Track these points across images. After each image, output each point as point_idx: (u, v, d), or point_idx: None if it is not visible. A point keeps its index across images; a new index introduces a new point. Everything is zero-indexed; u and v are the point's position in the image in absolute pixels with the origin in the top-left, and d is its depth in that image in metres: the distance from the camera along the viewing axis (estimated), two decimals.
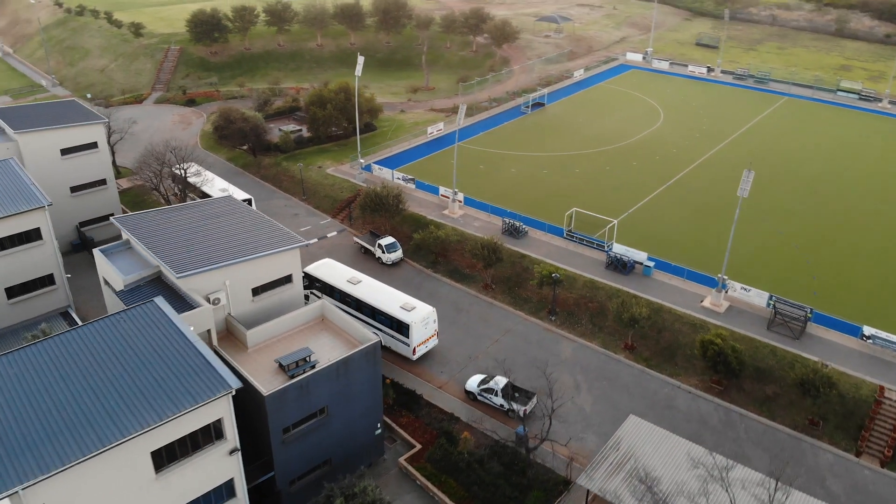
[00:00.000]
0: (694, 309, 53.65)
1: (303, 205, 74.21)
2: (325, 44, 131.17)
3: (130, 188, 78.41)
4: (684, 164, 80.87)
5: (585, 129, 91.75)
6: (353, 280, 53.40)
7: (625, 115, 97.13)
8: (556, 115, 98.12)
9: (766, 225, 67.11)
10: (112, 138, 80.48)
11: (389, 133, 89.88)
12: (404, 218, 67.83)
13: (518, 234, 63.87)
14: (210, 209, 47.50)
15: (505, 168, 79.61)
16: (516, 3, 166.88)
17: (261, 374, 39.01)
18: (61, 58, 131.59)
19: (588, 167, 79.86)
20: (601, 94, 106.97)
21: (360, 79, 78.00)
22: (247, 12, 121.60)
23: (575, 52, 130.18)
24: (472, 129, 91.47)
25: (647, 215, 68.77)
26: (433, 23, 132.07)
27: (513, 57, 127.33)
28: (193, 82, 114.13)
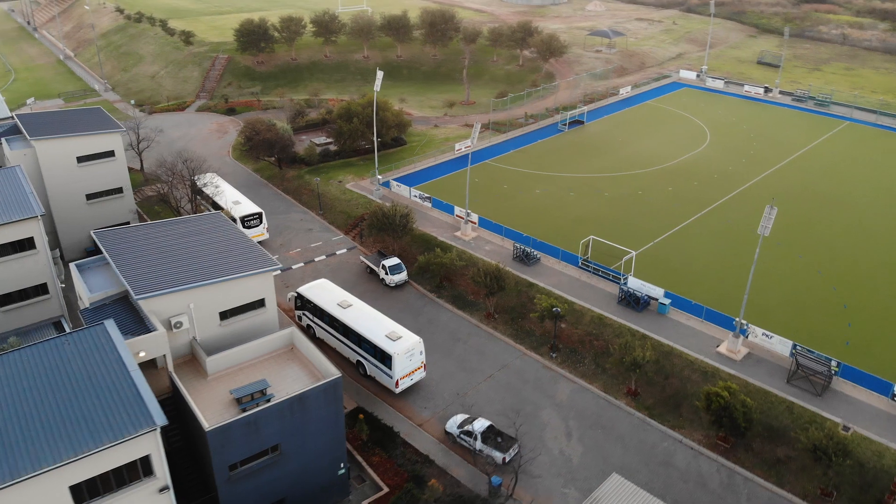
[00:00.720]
0: (708, 354, 48.87)
1: (318, 220, 72.55)
2: (371, 56, 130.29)
3: (153, 196, 78.45)
4: (724, 191, 75.37)
5: (623, 150, 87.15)
6: (343, 304, 51.02)
7: (668, 136, 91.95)
8: (594, 133, 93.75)
9: (805, 263, 61.31)
10: (141, 145, 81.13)
11: (417, 148, 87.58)
12: (414, 238, 65.23)
13: (529, 260, 60.27)
14: (192, 226, 46.01)
15: (529, 188, 76.00)
16: (572, 16, 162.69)
17: (213, 406, 36.98)
18: (117, 63, 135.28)
19: (619, 191, 75.38)
20: (646, 113, 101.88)
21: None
22: (293, 23, 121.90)
23: (625, 67, 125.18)
24: (503, 146, 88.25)
25: (674, 246, 63.95)
26: (480, 36, 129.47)
27: (560, 72, 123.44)
28: (236, 91, 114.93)
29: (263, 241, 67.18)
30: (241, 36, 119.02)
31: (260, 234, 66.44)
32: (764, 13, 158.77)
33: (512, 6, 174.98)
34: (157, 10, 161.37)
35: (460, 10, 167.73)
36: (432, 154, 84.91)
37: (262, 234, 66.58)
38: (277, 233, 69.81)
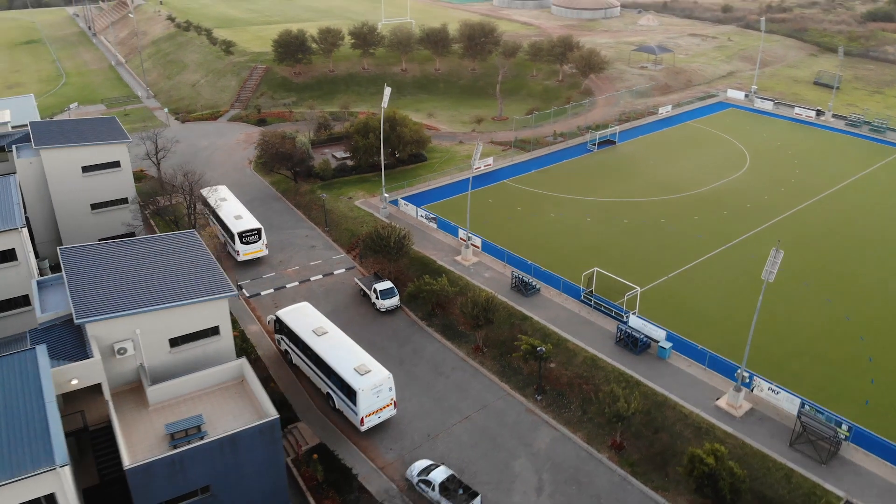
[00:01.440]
0: (705, 408, 44.28)
1: (323, 237, 70.65)
2: (409, 69, 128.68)
3: (167, 206, 78.14)
4: (754, 223, 69.87)
5: (653, 174, 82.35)
6: (318, 331, 48.63)
7: (703, 160, 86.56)
8: (625, 154, 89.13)
9: (832, 308, 55.67)
10: (158, 155, 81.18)
11: (436, 165, 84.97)
12: (412, 260, 62.48)
13: (527, 291, 56.63)
14: (160, 246, 44.40)
15: (544, 212, 72.25)
16: (622, 31, 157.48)
17: (146, 440, 35.04)
18: (162, 70, 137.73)
19: (640, 218, 70.83)
20: (685, 134, 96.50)
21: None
22: (331, 34, 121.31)
23: (670, 85, 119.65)
24: (525, 165, 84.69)
25: (689, 282, 59.18)
26: (520, 50, 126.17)
27: (600, 88, 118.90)
28: (269, 102, 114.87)
29: (262, 257, 65.70)
30: (279, 47, 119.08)
31: (258, 250, 64.93)
32: (827, 31, 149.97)
33: (561, 19, 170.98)
34: (208, 20, 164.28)
35: (507, 22, 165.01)
36: (449, 172, 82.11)
37: (260, 250, 65.06)
38: (279, 249, 68.20)
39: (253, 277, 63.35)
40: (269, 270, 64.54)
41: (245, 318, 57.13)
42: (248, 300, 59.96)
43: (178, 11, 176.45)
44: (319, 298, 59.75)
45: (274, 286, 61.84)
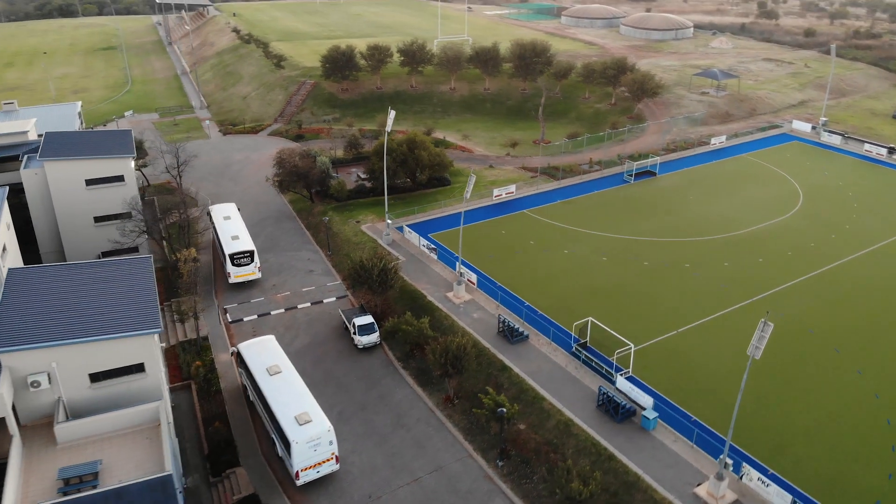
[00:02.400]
0: (682, 495, 38.36)
1: (325, 261, 68.04)
2: (457, 87, 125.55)
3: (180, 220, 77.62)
4: (793, 272, 62.43)
5: (690, 211, 75.63)
6: (272, 369, 45.61)
7: (750, 198, 78.99)
8: (664, 188, 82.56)
9: (862, 382, 48.15)
10: (179, 169, 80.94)
11: (456, 190, 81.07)
12: (402, 293, 58.87)
13: (513, 337, 51.84)
14: (105, 272, 42.49)
15: (558, 247, 67.09)
16: (691, 53, 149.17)
17: (43, 482, 32.77)
18: (220, 82, 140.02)
19: (664, 259, 64.63)
20: (736, 168, 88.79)
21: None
22: (379, 51, 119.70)
23: (730, 114, 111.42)
24: (550, 195, 79.60)
25: (700, 339, 52.81)
26: (573, 71, 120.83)
27: (655, 114, 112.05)
28: (311, 117, 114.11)
29: (255, 280, 63.61)
30: (327, 62, 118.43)
31: (251, 272, 62.86)
32: None
33: (628, 39, 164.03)
34: (273, 33, 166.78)
35: (570, 41, 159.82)
36: (469, 198, 77.94)
37: (252, 273, 62.96)
38: (277, 272, 66.02)
39: (241, 301, 61.29)
40: (260, 294, 62.35)
41: (219, 346, 54.92)
42: (228, 325, 57.83)
43: (247, 24, 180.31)
44: (300, 328, 56.98)
45: (259, 312, 59.51)
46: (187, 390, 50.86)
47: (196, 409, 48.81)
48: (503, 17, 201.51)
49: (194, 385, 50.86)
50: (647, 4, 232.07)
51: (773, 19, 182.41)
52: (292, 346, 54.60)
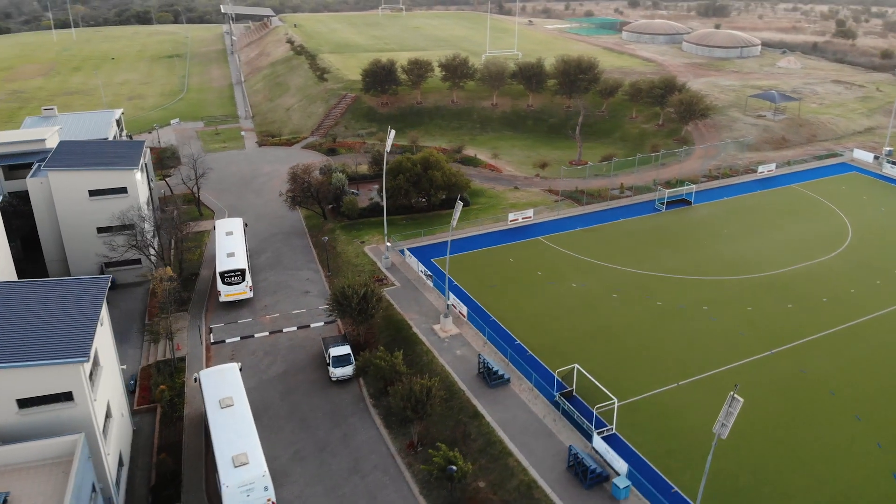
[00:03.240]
0: None
1: (323, 282, 65.49)
2: (499, 103, 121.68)
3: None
4: (825, 322, 55.66)
5: (723, 246, 69.33)
6: (224, 402, 43.05)
7: (792, 234, 71.92)
8: (697, 219, 76.34)
9: (882, 458, 41.58)
10: (195, 181, 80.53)
11: (472, 212, 77.30)
12: (388, 322, 55.66)
13: (492, 381, 47.62)
14: (51, 292, 40.87)
15: (567, 279, 62.33)
16: (755, 73, 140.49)
17: None
18: (268, 92, 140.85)
19: (680, 300, 58.97)
20: (782, 200, 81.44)
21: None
22: (419, 66, 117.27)
23: (787, 139, 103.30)
24: (571, 221, 74.73)
25: (704, 395, 47.13)
26: (620, 89, 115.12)
27: (704, 137, 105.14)
28: (347, 131, 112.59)
29: (246, 299, 61.64)
30: (367, 76, 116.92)
31: (241, 292, 60.90)
32: None
33: (689, 56, 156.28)
34: (328, 44, 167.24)
35: (627, 58, 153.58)
36: (481, 221, 74.13)
37: (243, 292, 61.00)
38: (273, 291, 63.92)
39: (228, 321, 59.36)
40: (249, 315, 60.28)
41: (194, 368, 52.88)
42: (209, 346, 55.90)
43: (306, 35, 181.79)
44: (280, 354, 54.45)
45: (243, 334, 57.39)
46: (153, 414, 49.02)
47: (155, 436, 46.85)
48: (563, 32, 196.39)
49: (160, 409, 48.99)
50: (719, 20, 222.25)
51: (850, 39, 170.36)
52: (266, 374, 52.14)
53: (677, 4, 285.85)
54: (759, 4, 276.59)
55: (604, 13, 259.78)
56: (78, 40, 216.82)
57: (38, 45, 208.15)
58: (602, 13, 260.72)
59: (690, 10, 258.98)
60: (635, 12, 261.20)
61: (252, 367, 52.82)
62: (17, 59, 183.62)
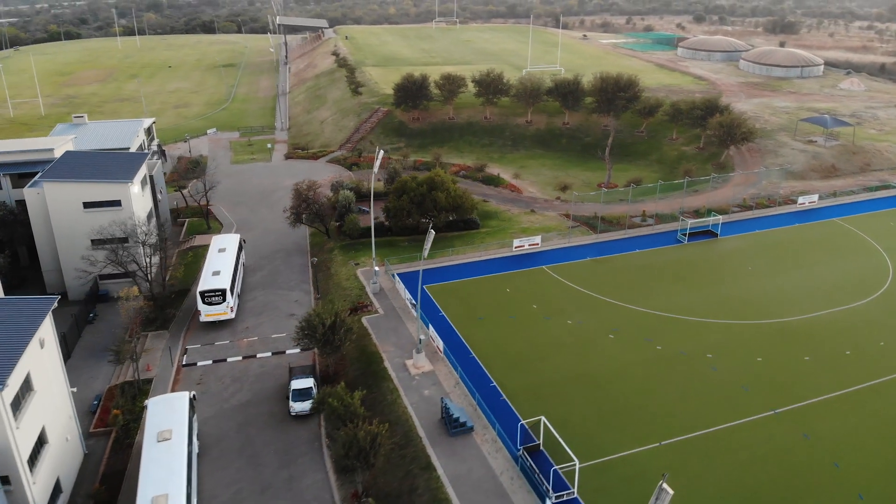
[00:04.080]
0: None
1: (311, 305, 62.89)
2: (534, 120, 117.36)
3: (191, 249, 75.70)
4: (842, 380, 49.20)
5: (745, 285, 63.22)
6: (162, 435, 40.65)
7: (825, 275, 65.09)
8: (721, 253, 70.26)
9: None
10: (202, 195, 79.77)
11: (479, 236, 73.40)
12: (362, 353, 52.44)
13: (453, 428, 43.65)
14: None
15: (563, 315, 57.68)
16: (814, 94, 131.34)
17: None
18: (308, 105, 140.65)
19: (683, 345, 53.54)
20: (820, 235, 74.26)
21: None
22: (451, 81, 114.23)
23: (838, 168, 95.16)
24: (582, 250, 69.92)
25: (690, 458, 41.83)
26: (661, 109, 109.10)
27: (747, 162, 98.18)
28: (371, 146, 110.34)
29: (227, 320, 59.59)
30: (399, 91, 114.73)
31: (221, 312, 58.85)
32: None
33: (745, 75, 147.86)
34: (374, 57, 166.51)
35: (679, 75, 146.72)
36: (486, 246, 70.17)
37: (224, 312, 58.91)
38: (258, 312, 61.75)
39: (206, 342, 57.39)
40: (229, 336, 58.20)
41: (159, 391, 50.95)
42: (180, 369, 53.94)
43: (355, 47, 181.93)
44: (247, 382, 51.98)
45: (216, 357, 55.25)
46: (107, 438, 47.24)
47: (102, 462, 44.97)
48: (616, 47, 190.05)
49: (114, 433, 47.17)
50: (786, 37, 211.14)
51: None
52: (228, 403, 49.72)
53: (745, 20, 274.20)
54: (833, 21, 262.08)
55: (665, 28, 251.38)
56: (142, 48, 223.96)
57: (103, 51, 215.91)
58: (664, 28, 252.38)
59: (758, 27, 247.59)
60: (699, 27, 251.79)
61: (216, 395, 50.55)
62: (80, 65, 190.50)
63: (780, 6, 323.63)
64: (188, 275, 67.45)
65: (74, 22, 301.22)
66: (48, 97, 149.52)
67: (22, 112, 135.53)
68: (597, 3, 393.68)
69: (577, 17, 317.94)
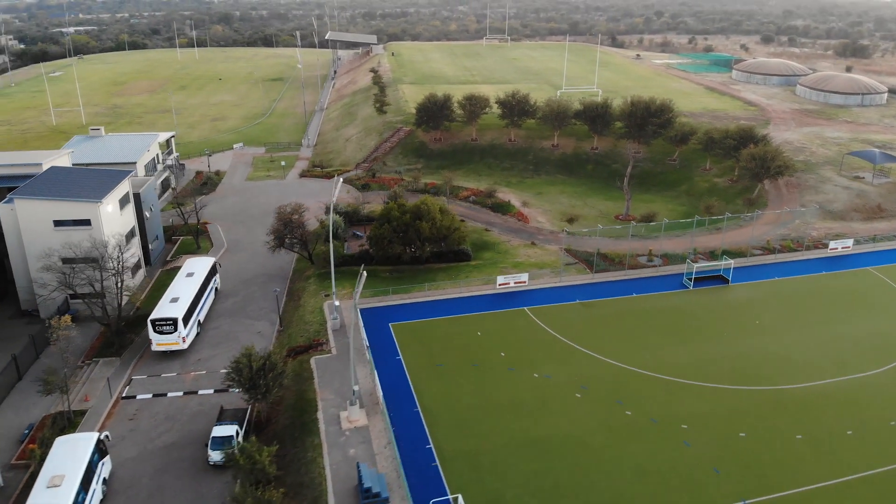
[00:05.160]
0: None
1: (272, 338, 59.47)
2: (561, 144, 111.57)
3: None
4: (834, 468, 41.70)
5: (746, 342, 55.94)
6: (53, 481, 37.63)
7: (843, 334, 57.04)
8: (729, 303, 62.96)
9: None
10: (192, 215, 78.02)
11: (466, 270, 68.33)
12: (298, 400, 48.41)
13: (364, 499, 38.78)
14: None
15: (532, 367, 52.03)
16: (873, 125, 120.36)
17: None
18: (339, 122, 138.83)
19: (657, 411, 47.02)
20: (849, 287, 65.80)
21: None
22: (471, 102, 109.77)
23: (885, 209, 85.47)
24: (571, 291, 63.97)
25: None
26: (694, 136, 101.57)
27: (784, 198, 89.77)
28: (385, 167, 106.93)
29: (178, 350, 56.63)
30: (420, 111, 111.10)
31: (172, 342, 55.92)
32: None
33: (800, 101, 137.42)
34: (413, 74, 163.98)
35: (729, 99, 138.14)
36: (470, 282, 65.08)
37: (175, 343, 55.97)
38: (216, 343, 58.69)
39: (154, 373, 54.57)
40: (179, 368, 55.24)
41: (90, 424, 48.22)
42: (118, 401, 51.17)
43: (397, 64, 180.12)
44: (179, 421, 48.69)
45: (157, 390, 52.27)
46: (25, 471, 44.72)
47: (12, 498, 42.36)
48: (668, 68, 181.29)
49: (31, 468, 44.58)
50: (855, 61, 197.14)
51: None
52: (153, 444, 46.46)
53: (815, 42, 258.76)
54: None
55: (729, 49, 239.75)
56: (200, 59, 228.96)
57: (162, 62, 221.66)
58: (727, 49, 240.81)
59: (828, 49, 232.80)
60: (764, 49, 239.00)
61: (145, 433, 47.45)
62: (136, 75, 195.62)
63: (857, 28, 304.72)
64: (157, 298, 65.03)
65: (147, 32, 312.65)
66: (96, 106, 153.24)
67: (65, 120, 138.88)
68: (664, 21, 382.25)
69: (640, 34, 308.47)
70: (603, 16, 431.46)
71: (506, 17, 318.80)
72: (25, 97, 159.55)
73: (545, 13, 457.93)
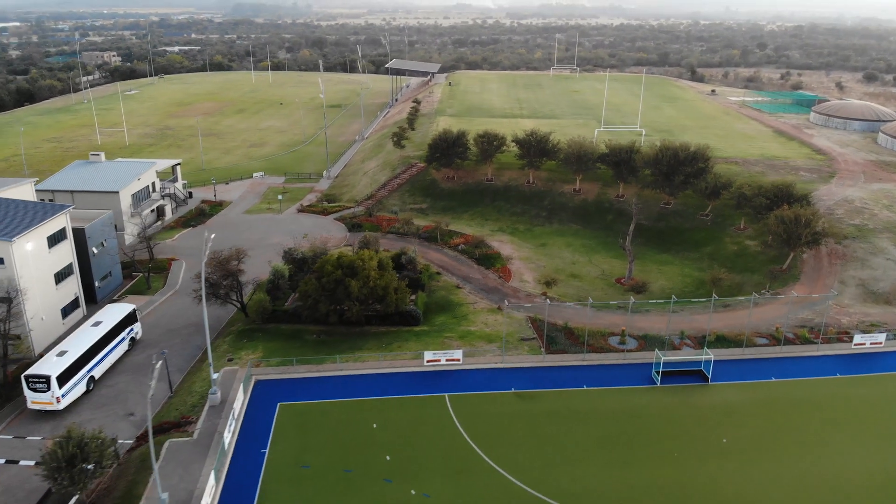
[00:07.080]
0: None
1: (160, 403, 52.70)
2: (584, 189, 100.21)
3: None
4: None
5: (700, 469, 43.54)
6: None
7: (843, 467, 43.35)
8: (700, 409, 50.25)
9: None
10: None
11: (401, 340, 59.10)
12: (125, 496, 40.82)
13: None
14: None
15: (412, 480, 42.02)
16: None
17: None
18: (368, 153, 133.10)
19: None
20: (865, 398, 51.16)
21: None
22: (486, 139, 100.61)
23: None
24: (509, 376, 53.30)
25: None
26: (727, 191, 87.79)
27: (823, 272, 74.90)
28: (385, 205, 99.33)
29: (52, 410, 50.81)
30: (432, 147, 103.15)
31: (46, 402, 50.18)
32: None
33: (879, 151, 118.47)
34: (458, 105, 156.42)
35: (797, 145, 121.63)
36: (396, 356, 55.82)
37: (48, 402, 50.20)
38: (101, 404, 52.56)
39: (22, 434, 49.00)
40: (49, 430, 49.31)
41: None
42: None
43: (449, 95, 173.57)
44: (12, 498, 42.50)
45: (11, 456, 46.50)
46: None
47: None
48: (742, 106, 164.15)
49: None
50: None
51: None
52: None
53: None
54: None
55: (822, 88, 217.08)
56: (273, 83, 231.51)
57: (235, 83, 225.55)
58: (821, 86, 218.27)
59: None
60: (863, 88, 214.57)
61: None
62: (204, 96, 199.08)
63: None
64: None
65: (241, 55, 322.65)
66: (148, 127, 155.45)
67: (110, 140, 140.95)
68: (764, 54, 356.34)
69: (734, 67, 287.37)
70: (702, 46, 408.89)
71: (575, 45, 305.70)
72: (89, 115, 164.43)
73: (642, 42, 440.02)
